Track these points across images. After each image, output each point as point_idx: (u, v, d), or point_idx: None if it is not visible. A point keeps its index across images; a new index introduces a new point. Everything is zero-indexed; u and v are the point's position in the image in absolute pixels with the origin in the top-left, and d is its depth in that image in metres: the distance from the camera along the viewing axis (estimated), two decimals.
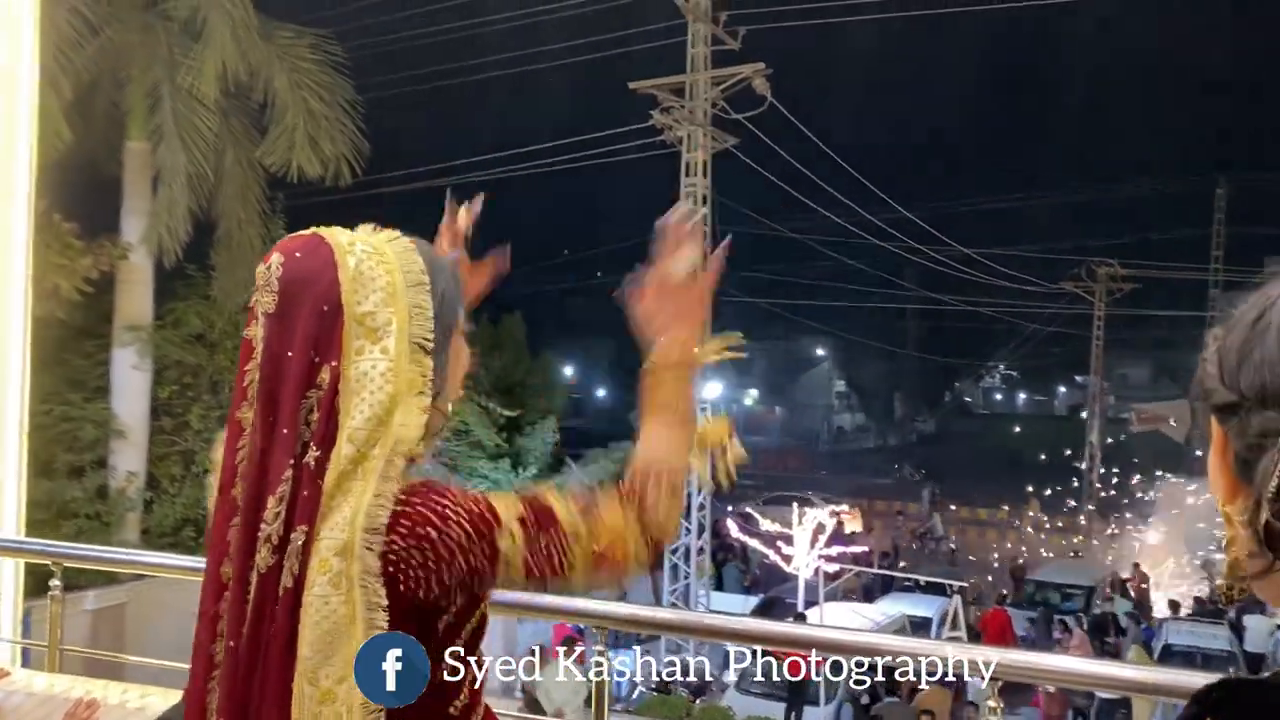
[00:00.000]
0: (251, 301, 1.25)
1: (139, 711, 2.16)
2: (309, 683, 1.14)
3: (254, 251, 12.36)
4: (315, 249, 1.24)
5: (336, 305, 1.20)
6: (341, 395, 1.18)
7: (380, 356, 1.20)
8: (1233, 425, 0.77)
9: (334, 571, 1.14)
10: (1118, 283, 30.32)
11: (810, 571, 16.23)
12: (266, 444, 1.19)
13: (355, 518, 1.14)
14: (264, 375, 1.20)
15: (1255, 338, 0.76)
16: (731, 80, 17.62)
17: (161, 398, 12.61)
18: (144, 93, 11.30)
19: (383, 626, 1.15)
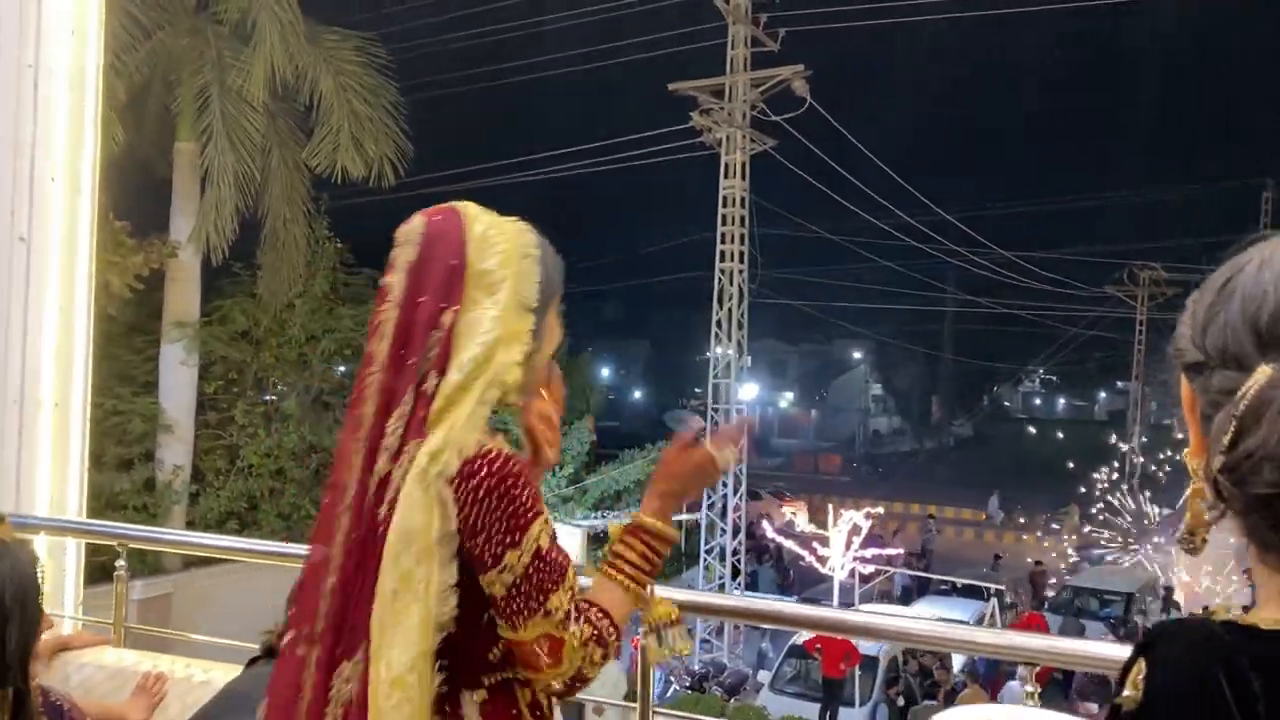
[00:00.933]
0: (392, 255, 1.48)
1: (204, 685, 2.27)
2: (392, 562, 1.34)
3: (298, 250, 12.60)
4: (450, 216, 1.50)
5: (462, 261, 1.45)
6: (456, 335, 1.42)
7: (491, 307, 1.44)
8: (1199, 383, 0.84)
9: (421, 468, 1.35)
10: (1160, 287, 29.93)
11: (845, 573, 16.21)
12: (395, 371, 1.42)
13: (451, 431, 1.37)
14: (400, 314, 1.44)
15: (1221, 301, 0.82)
16: (771, 82, 17.65)
17: (207, 393, 12.88)
18: (194, 95, 11.55)
19: (451, 525, 1.35)
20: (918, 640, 2.19)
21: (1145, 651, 0.81)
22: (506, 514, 1.37)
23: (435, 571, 1.34)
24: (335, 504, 1.43)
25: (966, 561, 26.31)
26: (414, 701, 1.33)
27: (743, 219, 18.01)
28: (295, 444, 13.03)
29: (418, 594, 1.34)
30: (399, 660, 1.33)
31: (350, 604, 1.38)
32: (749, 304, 18.58)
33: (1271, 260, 0.81)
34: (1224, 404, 0.79)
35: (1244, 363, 0.79)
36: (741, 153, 17.67)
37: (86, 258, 3.59)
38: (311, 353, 13.42)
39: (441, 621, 1.35)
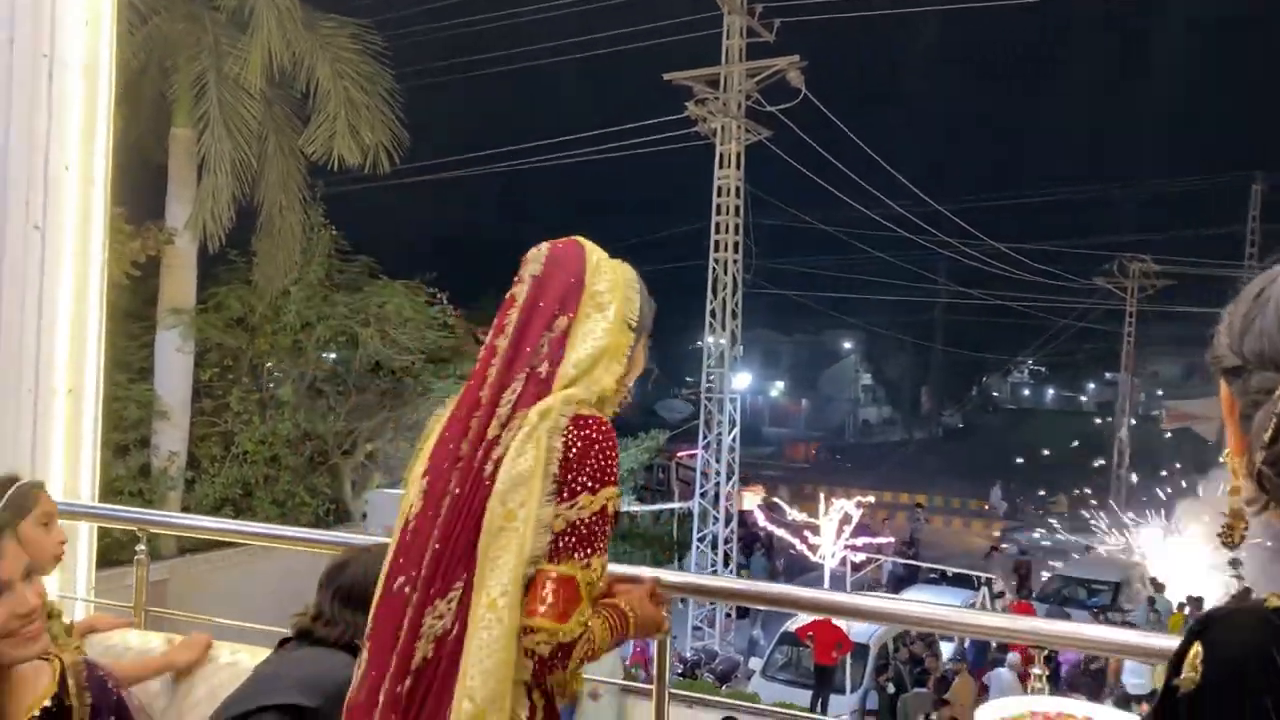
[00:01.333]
0: (521, 270, 1.74)
1: (230, 666, 2.33)
2: (499, 502, 1.54)
3: (294, 238, 12.59)
4: (572, 244, 1.78)
5: (580, 279, 1.72)
6: (570, 338, 1.68)
7: (601, 320, 1.70)
8: (1237, 385, 0.93)
9: (533, 423, 1.56)
10: (1150, 279, 30.06)
11: (836, 561, 16.33)
12: (513, 359, 1.67)
13: (559, 395, 1.60)
14: (523, 318, 1.69)
15: (1257, 309, 0.91)
16: (766, 72, 17.68)
17: (203, 380, 12.90)
18: (191, 81, 11.53)
19: (555, 472, 1.55)
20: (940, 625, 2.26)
21: (1201, 636, 0.87)
22: (598, 464, 1.57)
23: (535, 510, 1.52)
24: (450, 466, 1.62)
25: (955, 551, 26.52)
26: (503, 623, 1.49)
27: (737, 209, 18.07)
28: (290, 431, 13.06)
29: (518, 530, 1.51)
30: (494, 586, 1.50)
31: (449, 548, 1.56)
32: (743, 294, 18.66)
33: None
34: (1264, 403, 0.87)
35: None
36: (736, 143, 17.71)
37: (99, 247, 3.63)
38: (306, 340, 13.44)
39: (535, 554, 1.51)
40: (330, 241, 13.88)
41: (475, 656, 1.49)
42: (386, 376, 13.89)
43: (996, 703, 1.62)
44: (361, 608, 2.09)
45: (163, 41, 11.62)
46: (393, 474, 14.12)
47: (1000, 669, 12.73)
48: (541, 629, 1.50)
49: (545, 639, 1.50)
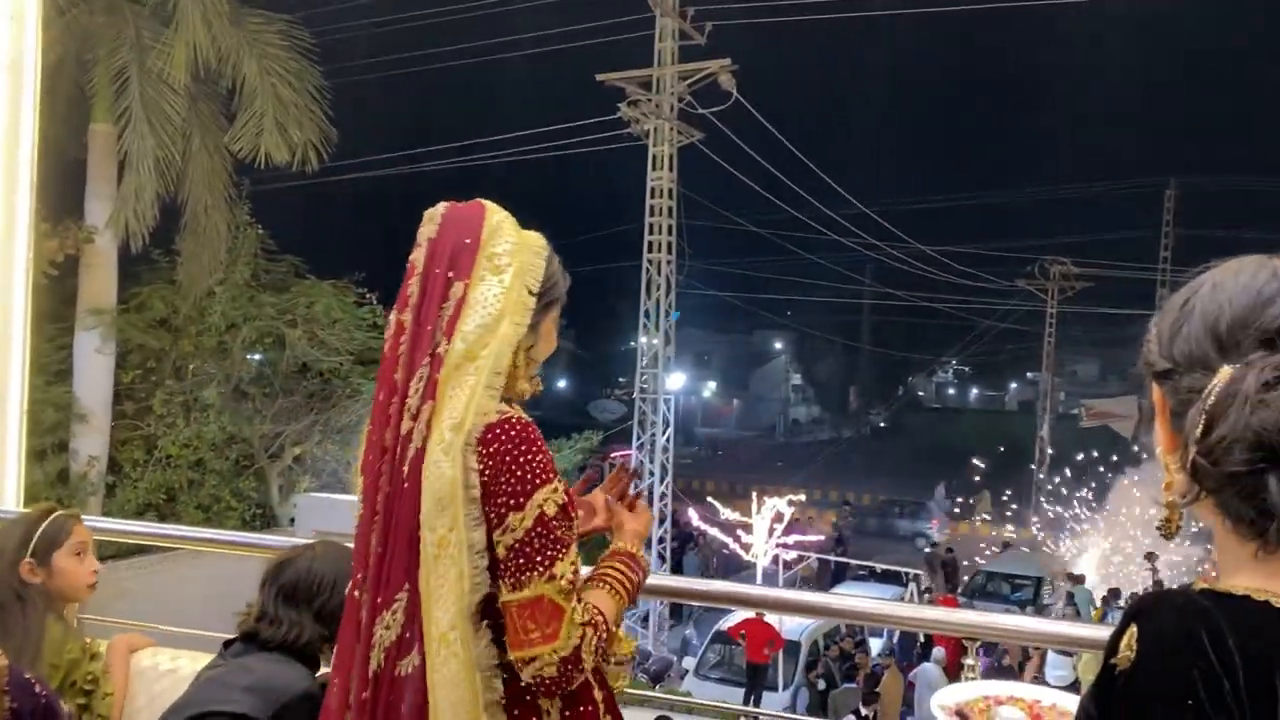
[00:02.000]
0: (418, 233, 1.63)
1: (170, 673, 2.29)
2: (429, 530, 1.47)
3: (219, 237, 12.34)
4: (472, 205, 1.67)
5: (476, 240, 1.60)
6: (465, 307, 1.55)
7: (497, 285, 1.57)
8: (1168, 387, 1.01)
9: (446, 441, 1.47)
10: (1070, 281, 30.88)
11: (769, 559, 16.50)
12: (417, 338, 1.57)
13: (470, 401, 1.50)
14: (420, 288, 1.59)
15: (1184, 317, 1.00)
16: (698, 75, 17.80)
17: (124, 382, 12.56)
18: (111, 76, 11.21)
19: (475, 491, 1.47)
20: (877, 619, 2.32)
21: (1136, 618, 0.94)
22: (515, 478, 1.47)
23: (464, 535, 1.46)
24: (378, 461, 1.56)
25: (883, 548, 26.96)
26: (459, 657, 1.45)
27: (671, 210, 18.16)
28: (215, 434, 12.78)
29: (453, 557, 1.46)
30: (442, 619, 1.45)
31: (387, 561, 1.51)
32: (676, 294, 18.75)
33: (1222, 283, 0.99)
34: (1193, 401, 0.95)
35: (1208, 365, 0.96)
36: (669, 145, 17.80)
37: (24, 248, 3.54)
38: (232, 341, 13.17)
39: (475, 582, 1.46)
40: (257, 241, 13.61)
41: (444, 692, 1.45)
42: (314, 378, 13.66)
43: (950, 689, 1.68)
44: (304, 605, 2.08)
45: (81, 34, 11.29)
46: (321, 477, 13.90)
47: (926, 664, 13.00)
48: (538, 656, 1.44)
49: (546, 661, 1.44)
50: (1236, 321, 0.96)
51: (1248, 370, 0.92)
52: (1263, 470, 0.90)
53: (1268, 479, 0.90)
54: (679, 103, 17.95)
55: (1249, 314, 0.95)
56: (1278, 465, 0.90)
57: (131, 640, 2.46)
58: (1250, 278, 0.98)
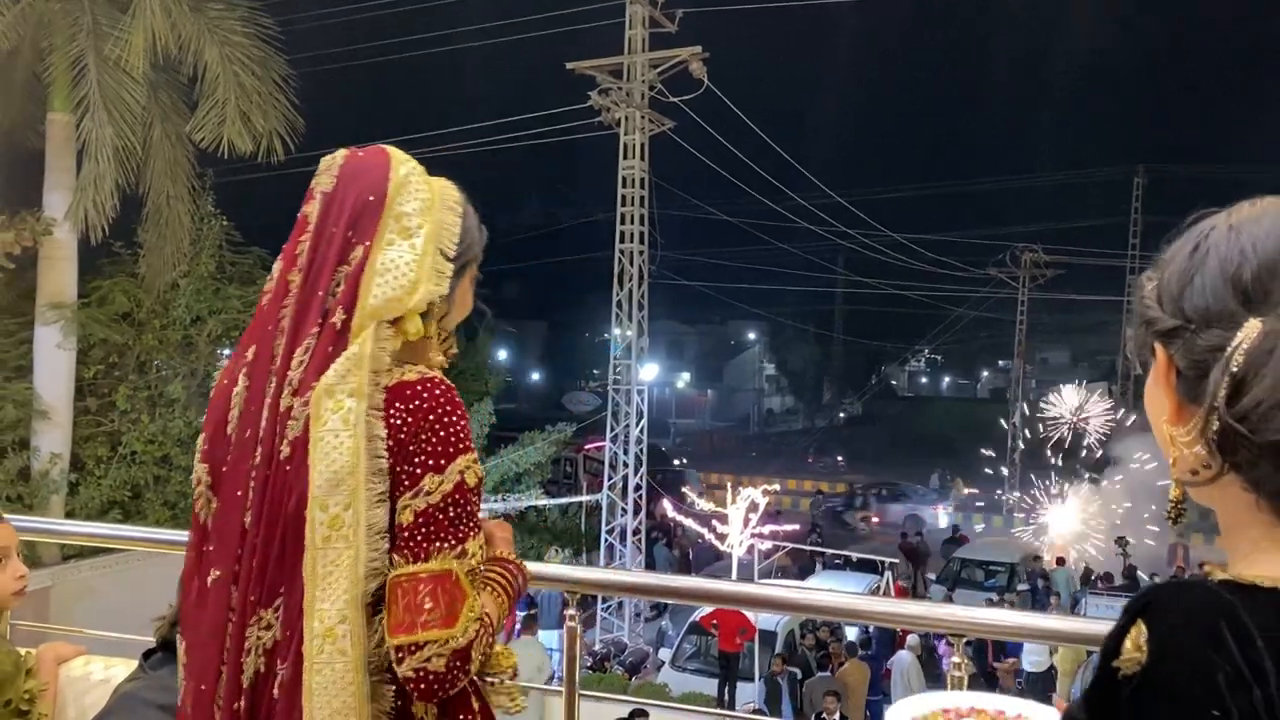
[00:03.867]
0: (312, 184, 1.44)
1: (103, 683, 2.16)
2: (320, 509, 1.28)
3: (182, 228, 12.13)
4: (375, 153, 1.46)
5: (381, 198, 1.39)
6: (366, 274, 1.36)
7: (408, 250, 1.38)
8: (1177, 347, 0.87)
9: (345, 409, 1.29)
10: (1040, 269, 31.08)
11: (744, 550, 16.47)
12: (304, 304, 1.38)
13: (362, 362, 1.32)
14: (312, 245, 1.40)
15: (1195, 266, 0.86)
16: (669, 63, 17.69)
17: (86, 377, 12.32)
18: (68, 63, 10.95)
19: (383, 457, 1.30)
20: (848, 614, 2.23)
21: (1144, 614, 0.81)
22: (439, 438, 1.31)
23: (364, 513, 1.27)
24: (250, 437, 1.36)
25: (858, 536, 27.06)
26: (347, 655, 1.26)
27: (643, 199, 18.04)
28: (181, 430, 12.56)
29: (347, 538, 1.27)
30: (329, 612, 1.26)
31: (262, 552, 1.32)
32: (649, 284, 18.64)
33: (1241, 226, 0.86)
34: (1213, 362, 0.82)
35: (1232, 320, 0.82)
36: (640, 133, 17.67)
37: None
38: (197, 335, 12.97)
39: (373, 567, 1.28)
40: (221, 232, 13.41)
41: (321, 700, 1.25)
42: None
43: (905, 703, 1.57)
44: None
45: (36, 21, 11.02)
46: None
47: (901, 651, 13.02)
48: (429, 641, 1.25)
49: (437, 651, 1.25)
50: (1264, 268, 0.83)
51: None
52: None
53: None
54: (650, 91, 17.83)
55: (1277, 260, 0.83)
56: None
57: (59, 650, 2.31)
58: (1275, 220, 0.85)
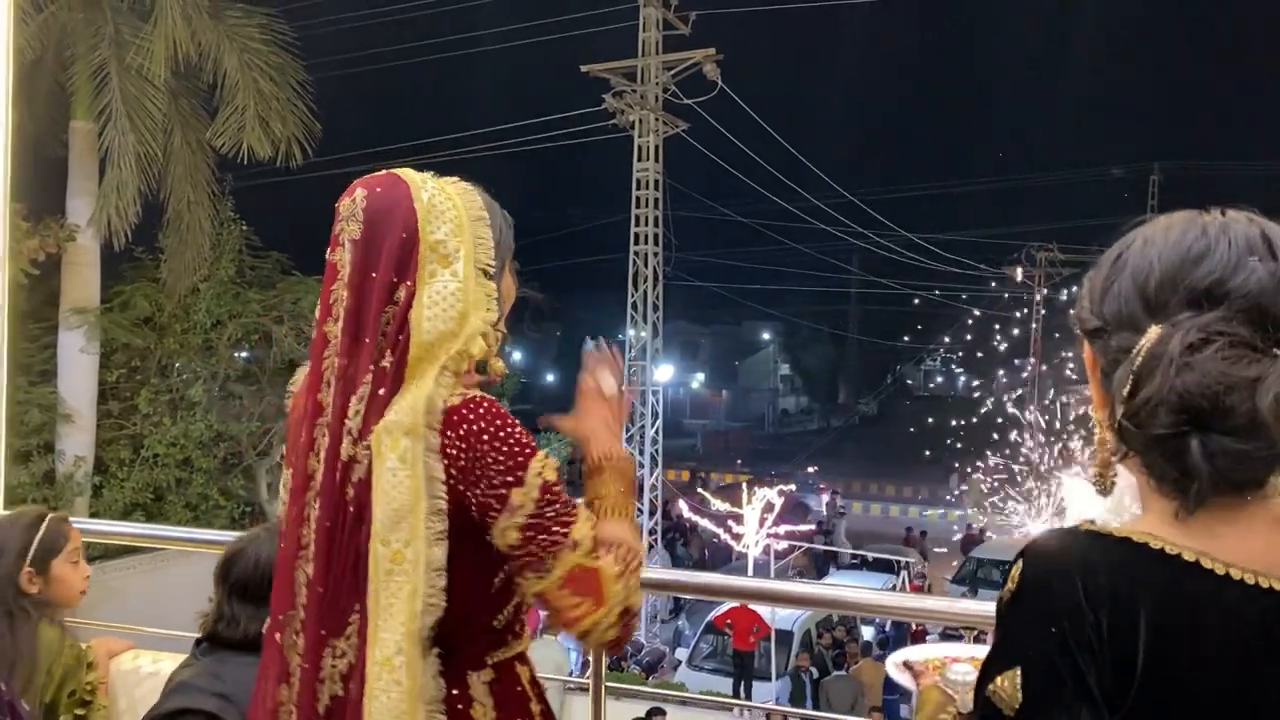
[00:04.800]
0: (336, 230, 1.43)
1: (153, 676, 2.25)
2: (381, 544, 1.32)
3: (203, 233, 12.26)
4: (394, 185, 1.44)
5: (413, 234, 1.39)
6: (414, 310, 1.37)
7: (451, 279, 1.39)
8: (1099, 345, 1.01)
9: (403, 449, 1.31)
10: (1057, 267, 30.97)
11: (759, 550, 16.52)
12: (352, 352, 1.38)
13: (418, 403, 1.33)
14: (351, 293, 1.40)
15: (1114, 274, 1.00)
16: (683, 65, 17.75)
17: (109, 381, 12.48)
18: (90, 72, 11.12)
19: (441, 497, 1.33)
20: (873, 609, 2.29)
21: (1024, 553, 0.97)
22: (502, 454, 1.32)
23: (423, 550, 1.31)
24: (302, 490, 1.39)
25: (876, 536, 27.01)
26: (402, 685, 1.30)
27: (657, 201, 18.12)
28: (202, 432, 12.70)
29: (407, 573, 1.31)
30: (389, 642, 1.31)
31: (332, 588, 1.36)
32: (663, 286, 18.72)
33: (1153, 239, 0.98)
34: (1122, 361, 0.95)
35: (1137, 325, 0.95)
36: (655, 135, 17.75)
37: (2, 244, 3.48)
38: (218, 339, 13.09)
39: (430, 603, 1.32)
40: (241, 237, 13.53)
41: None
42: None
43: (914, 648, 1.66)
44: (261, 600, 2.03)
45: (60, 31, 11.19)
46: None
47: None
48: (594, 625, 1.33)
49: (605, 625, 1.34)
50: (1165, 280, 0.95)
51: (1174, 331, 0.92)
52: (1185, 433, 0.91)
53: (1190, 441, 0.91)
54: (664, 93, 17.91)
55: (1177, 273, 0.95)
56: (1200, 428, 0.91)
57: (110, 644, 2.41)
58: (1180, 235, 0.97)
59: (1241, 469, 0.91)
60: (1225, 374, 0.90)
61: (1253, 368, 0.90)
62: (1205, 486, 0.92)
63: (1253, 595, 0.91)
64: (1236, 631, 0.90)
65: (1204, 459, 0.91)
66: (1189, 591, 0.91)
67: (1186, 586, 0.91)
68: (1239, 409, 0.89)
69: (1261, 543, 0.94)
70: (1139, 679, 0.89)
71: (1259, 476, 0.93)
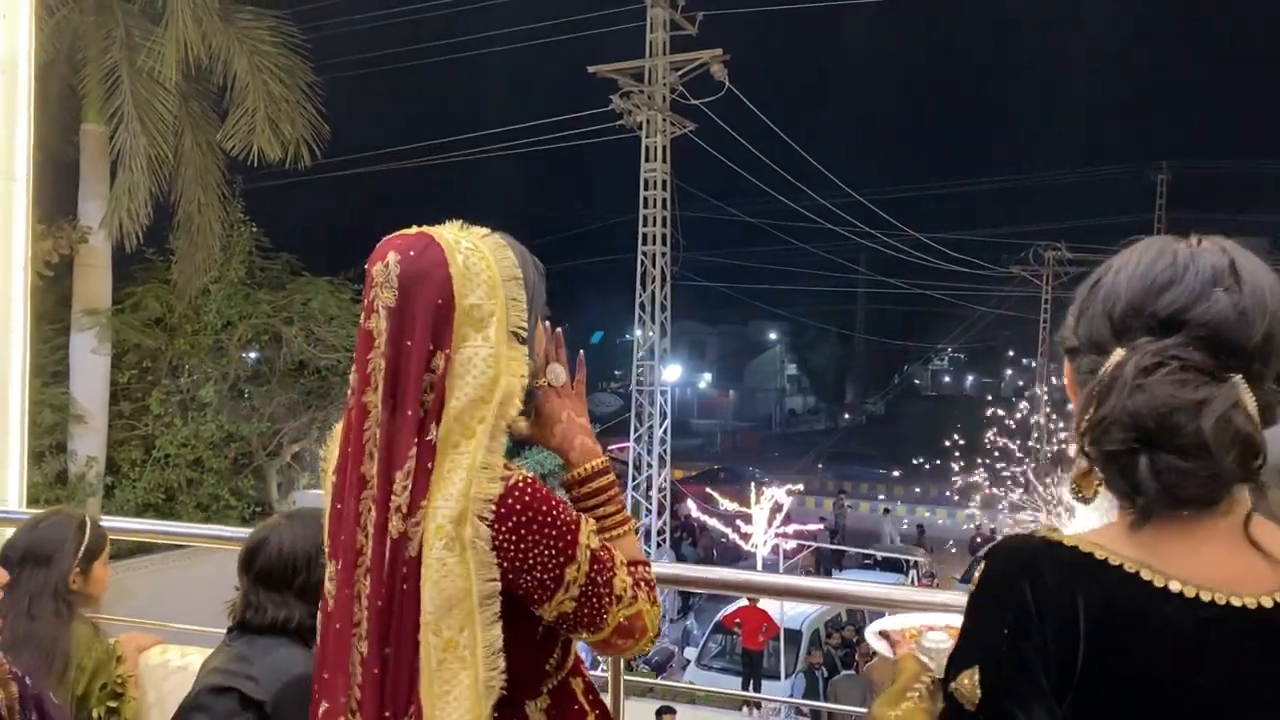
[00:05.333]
0: (369, 298, 1.40)
1: (181, 670, 2.30)
2: (433, 634, 1.31)
3: (213, 235, 12.30)
4: (427, 248, 1.40)
5: (450, 299, 1.36)
6: (449, 378, 1.35)
7: (482, 344, 1.37)
8: (1075, 365, 1.08)
9: (449, 537, 1.30)
10: (1064, 266, 30.93)
11: (769, 549, 16.54)
12: (393, 424, 1.35)
13: (468, 488, 1.31)
14: (389, 363, 1.36)
15: (1090, 298, 1.07)
16: (690, 65, 17.78)
17: (121, 382, 12.55)
18: (102, 75, 11.17)
19: (495, 581, 1.32)
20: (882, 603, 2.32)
21: (987, 555, 1.06)
22: (550, 538, 1.34)
23: (480, 634, 1.31)
24: (351, 565, 1.37)
25: (881, 536, 26.98)
26: None
27: (665, 201, 18.15)
28: (213, 433, 12.77)
29: (464, 660, 1.31)
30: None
31: (388, 669, 1.34)
32: (671, 286, 18.76)
33: (1126, 266, 1.05)
34: (1088, 382, 1.02)
35: (1104, 348, 1.03)
36: (662, 136, 17.79)
37: (23, 246, 3.53)
38: (228, 339, 13.16)
39: (489, 685, 1.32)
40: (251, 238, 13.60)
41: None
42: (311, 375, 13.65)
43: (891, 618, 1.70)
44: (285, 588, 2.09)
45: (71, 34, 11.25)
46: (319, 474, 13.90)
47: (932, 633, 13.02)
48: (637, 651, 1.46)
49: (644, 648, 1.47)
50: (1130, 307, 1.02)
51: (1132, 355, 0.98)
52: (1135, 450, 0.98)
53: (1139, 459, 0.98)
54: (671, 93, 17.94)
55: (1142, 300, 1.01)
56: (1149, 446, 0.97)
57: (138, 639, 2.48)
58: (1149, 263, 1.03)
59: (1187, 486, 0.97)
60: (1173, 396, 0.96)
61: (1200, 390, 0.96)
62: (1152, 501, 0.98)
63: (1191, 607, 0.96)
64: (1171, 640, 0.96)
65: (1151, 476, 0.97)
66: (1125, 600, 0.97)
67: (1123, 595, 0.97)
68: (1185, 429, 0.95)
69: (1208, 558, 0.99)
70: (1076, 680, 0.96)
71: (1205, 494, 0.98)
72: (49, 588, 2.30)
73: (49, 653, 2.20)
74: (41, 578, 2.30)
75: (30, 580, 2.29)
